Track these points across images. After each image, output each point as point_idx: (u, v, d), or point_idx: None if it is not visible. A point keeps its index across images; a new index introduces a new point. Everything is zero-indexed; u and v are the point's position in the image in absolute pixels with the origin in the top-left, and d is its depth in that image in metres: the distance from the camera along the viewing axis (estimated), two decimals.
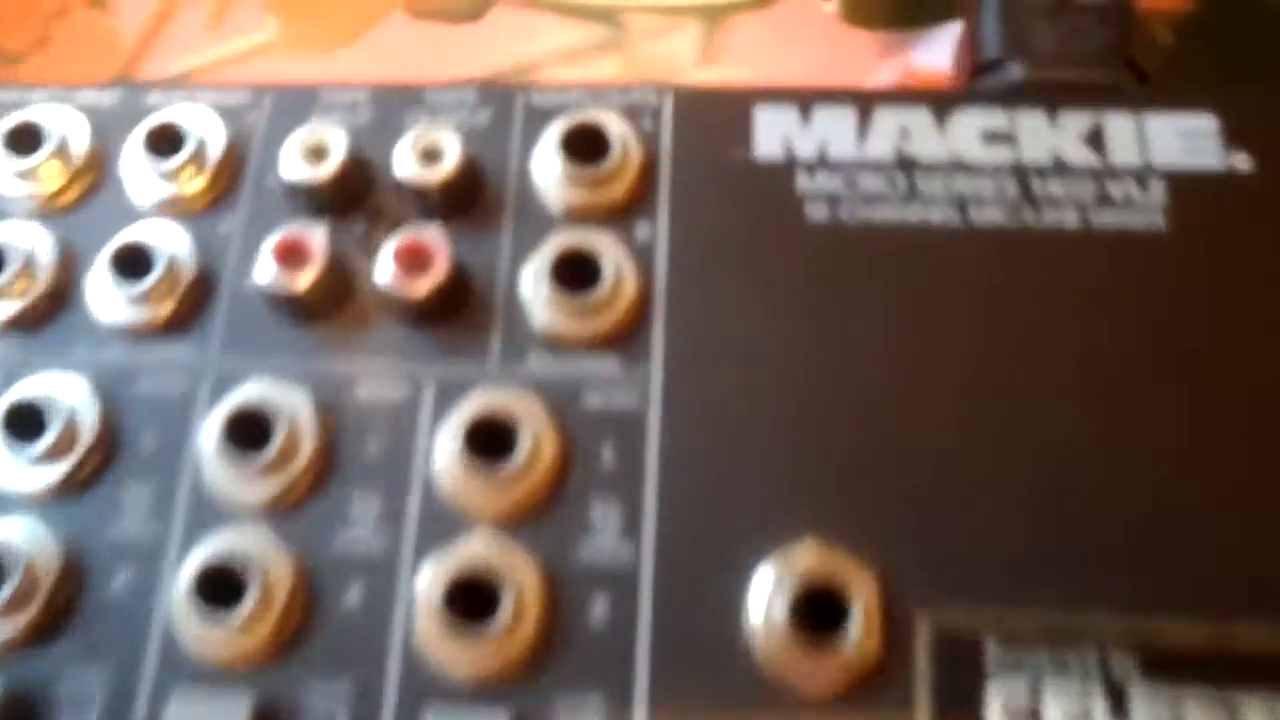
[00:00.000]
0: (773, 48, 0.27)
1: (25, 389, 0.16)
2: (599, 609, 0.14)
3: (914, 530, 0.14)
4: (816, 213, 0.16)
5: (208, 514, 0.15)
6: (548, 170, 0.16)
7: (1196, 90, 0.17)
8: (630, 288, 0.15)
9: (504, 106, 0.17)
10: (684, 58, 0.27)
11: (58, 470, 0.15)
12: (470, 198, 0.16)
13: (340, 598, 0.14)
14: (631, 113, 0.17)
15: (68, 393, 0.15)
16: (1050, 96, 0.17)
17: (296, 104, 0.17)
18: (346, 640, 0.14)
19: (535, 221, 0.16)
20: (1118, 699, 0.13)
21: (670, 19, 0.27)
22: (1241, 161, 0.16)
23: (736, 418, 0.15)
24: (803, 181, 0.16)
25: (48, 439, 0.15)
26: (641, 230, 0.16)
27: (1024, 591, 0.14)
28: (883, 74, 0.27)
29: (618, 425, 0.15)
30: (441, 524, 0.15)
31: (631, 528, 0.15)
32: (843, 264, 0.16)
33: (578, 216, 0.16)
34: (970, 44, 0.19)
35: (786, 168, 0.16)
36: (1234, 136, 0.17)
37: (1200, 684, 0.13)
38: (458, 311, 0.16)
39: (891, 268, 0.16)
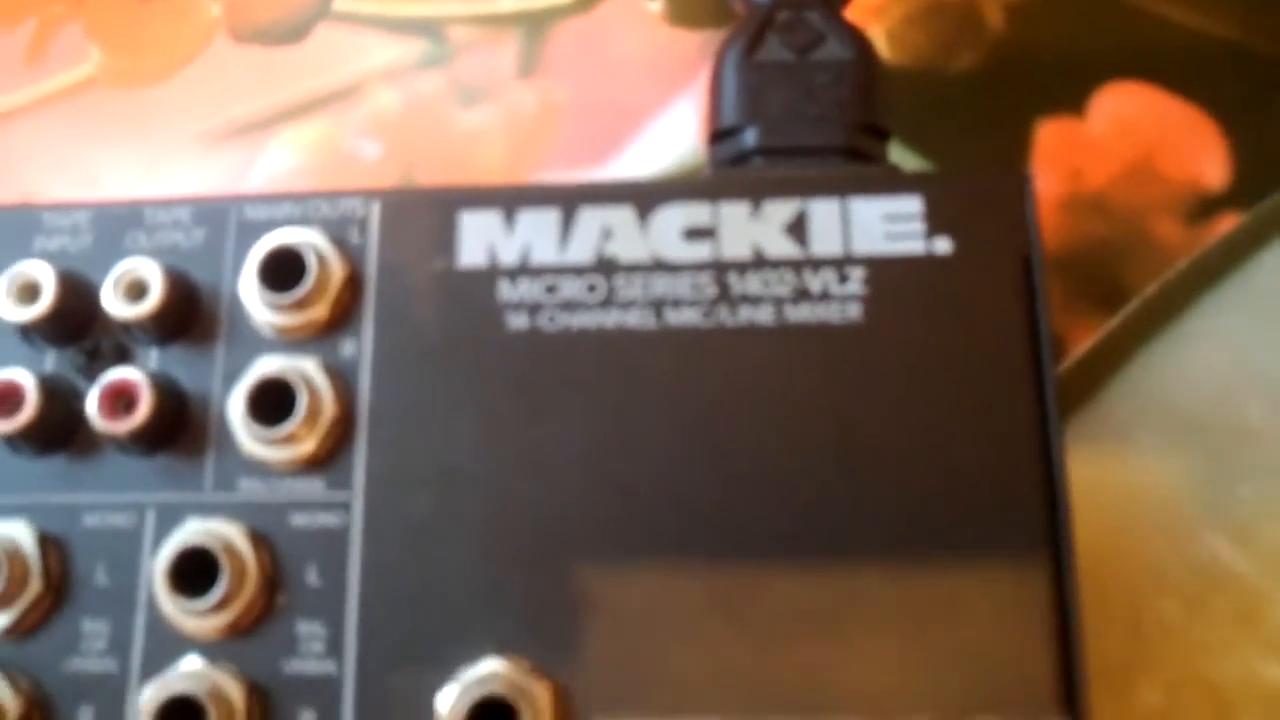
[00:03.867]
0: (595, 55, 0.27)
1: None
2: None
3: (595, 641, 0.15)
4: (516, 321, 0.16)
5: None
6: (252, 294, 0.16)
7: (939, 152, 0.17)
8: (329, 412, 0.16)
9: (217, 224, 0.17)
10: (505, 71, 0.26)
11: None
12: (185, 323, 0.17)
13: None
14: (338, 225, 0.17)
15: None
16: (756, 185, 0.17)
17: (20, 228, 0.17)
18: None
19: (246, 343, 0.17)
20: None
21: (491, 30, 0.27)
22: (941, 244, 0.16)
23: (433, 534, 0.16)
24: (504, 290, 0.17)
25: None
26: (346, 348, 0.17)
27: (707, 703, 0.15)
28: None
29: (322, 545, 0.16)
30: (165, 646, 0.16)
31: (335, 645, 0.16)
32: (540, 373, 0.16)
33: (285, 337, 0.17)
34: (711, 110, 0.19)
35: (489, 275, 0.17)
36: (937, 219, 0.17)
37: None
38: (173, 440, 0.16)
39: (588, 375, 0.16)
